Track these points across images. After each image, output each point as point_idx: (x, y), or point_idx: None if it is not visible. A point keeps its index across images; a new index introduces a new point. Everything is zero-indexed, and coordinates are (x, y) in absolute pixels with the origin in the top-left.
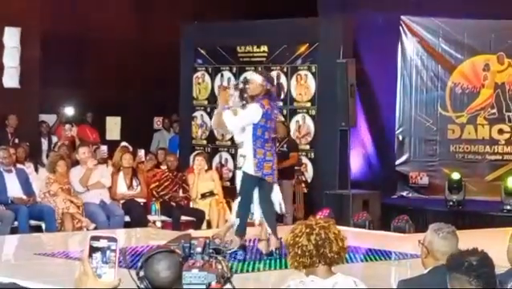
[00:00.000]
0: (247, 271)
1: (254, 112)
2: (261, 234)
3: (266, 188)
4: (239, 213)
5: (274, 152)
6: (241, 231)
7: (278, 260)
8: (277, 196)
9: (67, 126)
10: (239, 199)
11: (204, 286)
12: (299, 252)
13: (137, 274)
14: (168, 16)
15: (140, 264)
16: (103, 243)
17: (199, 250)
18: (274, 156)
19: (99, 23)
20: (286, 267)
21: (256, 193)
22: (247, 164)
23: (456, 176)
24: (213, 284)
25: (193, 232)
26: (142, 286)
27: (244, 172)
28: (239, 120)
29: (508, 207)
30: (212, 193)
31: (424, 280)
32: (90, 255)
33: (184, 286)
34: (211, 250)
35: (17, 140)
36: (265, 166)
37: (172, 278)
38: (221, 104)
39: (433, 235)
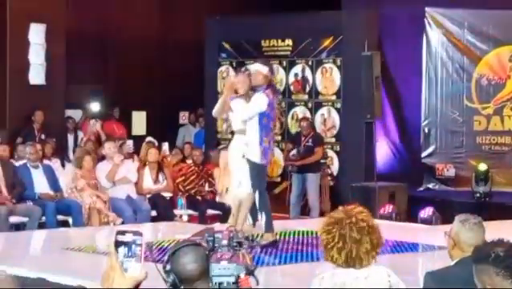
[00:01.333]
0: (273, 264)
1: (262, 102)
2: (240, 220)
3: (266, 176)
4: (263, 208)
5: (272, 141)
6: (270, 227)
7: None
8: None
9: (92, 121)
10: (257, 195)
11: (233, 279)
12: (330, 259)
13: (164, 267)
14: (192, 12)
15: (166, 258)
16: (128, 237)
17: (225, 242)
18: (272, 144)
19: (123, 21)
20: (314, 260)
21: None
22: (253, 152)
23: (482, 167)
24: (242, 276)
25: (218, 226)
26: (169, 279)
27: (250, 162)
28: (251, 110)
29: None
30: None
31: (450, 272)
32: (116, 249)
33: (214, 279)
34: (235, 243)
35: (43, 136)
36: (269, 154)
37: (198, 270)
38: (227, 94)
39: (460, 226)
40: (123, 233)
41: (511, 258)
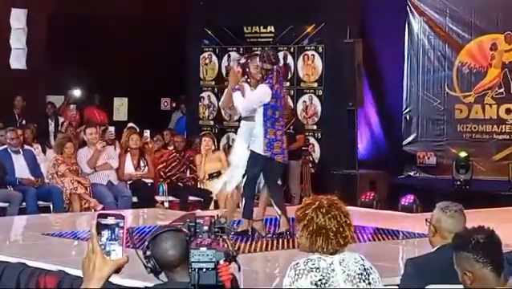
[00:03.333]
0: (254, 251)
1: (264, 93)
2: (257, 214)
3: (275, 168)
4: (246, 194)
5: (284, 131)
6: (248, 214)
7: (286, 241)
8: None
9: (72, 106)
10: (245, 179)
11: (212, 265)
12: (303, 242)
13: (144, 253)
14: None
15: (146, 243)
16: (111, 221)
17: (206, 228)
18: (284, 135)
19: (105, 4)
20: (294, 247)
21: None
22: (256, 143)
23: (463, 155)
24: (222, 262)
25: (200, 212)
26: (149, 265)
27: (252, 152)
28: (248, 102)
29: None
30: (219, 174)
31: (431, 259)
32: (98, 233)
33: (193, 265)
34: (216, 229)
35: (24, 122)
36: (275, 146)
37: (178, 256)
38: (231, 85)
39: (441, 214)
40: (105, 216)
41: (491, 245)
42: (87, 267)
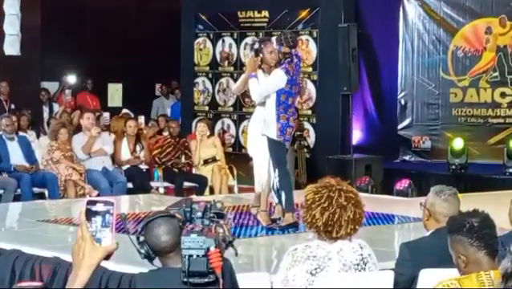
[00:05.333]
0: (250, 236)
1: (280, 79)
2: (261, 203)
3: (285, 154)
4: (283, 185)
5: (296, 118)
6: (291, 206)
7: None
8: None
9: (67, 91)
10: (277, 171)
11: (203, 251)
12: (309, 220)
13: (137, 238)
14: None
15: (140, 229)
16: (100, 207)
17: (199, 214)
18: (295, 123)
19: None
20: (290, 232)
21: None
22: (270, 129)
23: (458, 139)
24: (212, 249)
25: (195, 198)
26: (142, 250)
27: (269, 139)
28: (262, 88)
29: (510, 170)
30: (214, 159)
31: (425, 242)
32: (88, 219)
33: (183, 252)
34: (212, 215)
35: (13, 106)
36: (288, 131)
37: (172, 242)
38: (248, 72)
39: (435, 197)
40: (93, 203)
41: (485, 228)
42: (76, 254)
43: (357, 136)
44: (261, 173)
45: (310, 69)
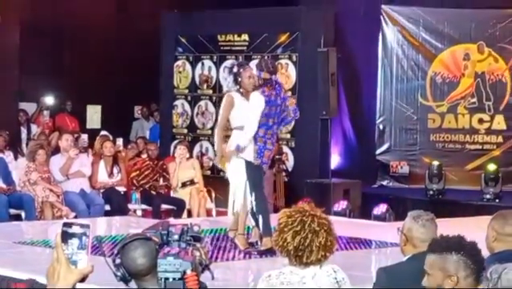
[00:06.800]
0: (227, 260)
1: (258, 101)
2: (239, 226)
3: (262, 177)
4: (260, 209)
5: (275, 141)
6: (269, 230)
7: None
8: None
9: (45, 112)
10: (254, 195)
11: (179, 274)
12: (280, 243)
13: (113, 261)
14: (149, 4)
15: (116, 251)
16: (76, 229)
17: (176, 237)
18: (273, 146)
19: (78, 11)
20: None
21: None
22: (247, 151)
23: (436, 165)
24: (189, 272)
25: (173, 220)
26: (119, 273)
27: (246, 161)
28: (253, 120)
29: (488, 196)
30: (192, 182)
31: (402, 267)
32: (65, 242)
33: (160, 275)
34: (189, 238)
35: None
36: (265, 154)
37: (148, 265)
38: (222, 121)
39: (412, 223)
40: (69, 225)
41: (479, 253)
42: (51, 277)
43: (336, 160)
44: (237, 196)
45: (289, 93)
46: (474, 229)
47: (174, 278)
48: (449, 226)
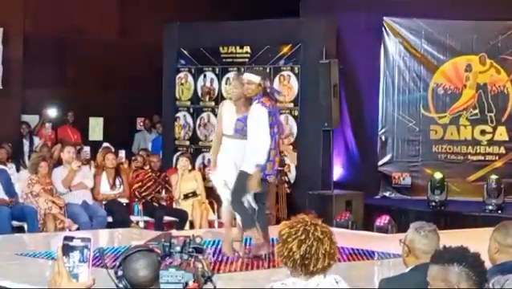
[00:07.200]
0: (229, 271)
1: (262, 113)
2: (236, 234)
3: (265, 190)
4: (238, 208)
5: (278, 150)
6: (250, 223)
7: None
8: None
9: (47, 125)
10: (233, 196)
11: (181, 286)
12: (285, 253)
13: (115, 273)
14: (151, 16)
15: (118, 263)
16: (77, 242)
17: (178, 249)
18: (276, 156)
19: (81, 23)
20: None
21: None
22: (249, 164)
23: (438, 176)
24: (191, 284)
25: (175, 232)
26: (121, 285)
27: (244, 173)
28: (263, 135)
29: (490, 207)
30: (195, 194)
31: (405, 278)
32: (66, 255)
33: (162, 286)
34: (191, 249)
35: None
36: (267, 166)
37: (150, 277)
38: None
39: (414, 234)
40: (70, 239)
41: (482, 265)
42: None
43: (338, 171)
44: (225, 205)
45: (291, 104)
46: (476, 240)
47: None
48: (451, 238)
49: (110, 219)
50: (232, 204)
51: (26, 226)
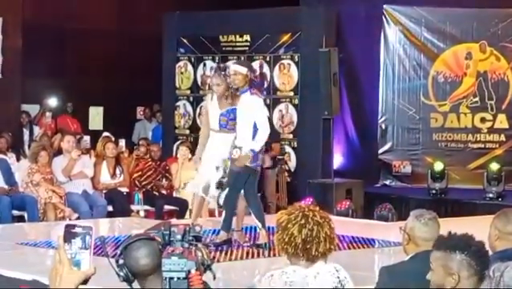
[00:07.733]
0: (230, 260)
1: (262, 105)
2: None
3: (255, 179)
4: (227, 206)
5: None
6: (228, 226)
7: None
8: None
9: (48, 114)
10: (228, 192)
11: (183, 274)
12: (286, 239)
13: (117, 261)
14: (151, 5)
15: (119, 252)
16: (79, 230)
17: (179, 237)
18: (263, 145)
19: (81, 12)
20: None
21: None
22: (245, 146)
23: (438, 164)
24: (193, 271)
25: (175, 221)
26: (122, 273)
27: (234, 171)
28: (263, 125)
29: (490, 195)
30: None
31: (405, 266)
32: (68, 242)
33: (164, 274)
34: (191, 238)
35: None
36: (259, 157)
37: (151, 265)
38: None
39: (415, 222)
40: (72, 226)
41: (485, 255)
42: (53, 279)
43: (338, 160)
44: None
45: (291, 93)
46: (477, 228)
47: (179, 278)
48: (451, 226)
49: (110, 208)
50: (223, 202)
51: (26, 216)
